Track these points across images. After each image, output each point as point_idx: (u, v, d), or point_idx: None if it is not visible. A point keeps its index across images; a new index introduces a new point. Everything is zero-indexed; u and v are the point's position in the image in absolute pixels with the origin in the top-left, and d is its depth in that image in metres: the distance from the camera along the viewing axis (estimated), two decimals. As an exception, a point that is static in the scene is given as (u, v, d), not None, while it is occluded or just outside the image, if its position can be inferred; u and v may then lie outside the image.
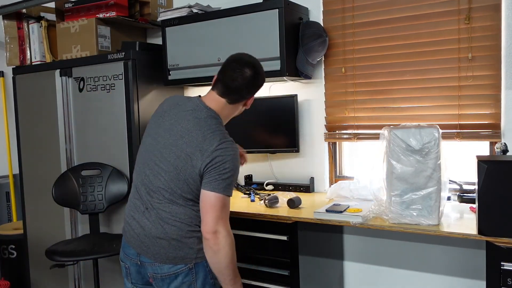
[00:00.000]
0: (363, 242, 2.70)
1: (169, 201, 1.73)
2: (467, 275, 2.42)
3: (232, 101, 1.81)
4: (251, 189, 2.83)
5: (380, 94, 2.60)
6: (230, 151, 1.70)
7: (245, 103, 1.87)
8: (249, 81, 1.78)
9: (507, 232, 1.74)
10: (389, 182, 2.00)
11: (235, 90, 1.79)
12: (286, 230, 2.23)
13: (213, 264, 1.71)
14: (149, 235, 1.74)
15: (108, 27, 3.03)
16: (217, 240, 1.66)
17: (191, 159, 1.68)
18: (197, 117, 1.75)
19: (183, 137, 1.72)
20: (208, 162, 1.67)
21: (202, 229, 1.68)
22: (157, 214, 1.74)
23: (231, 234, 1.71)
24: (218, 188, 1.67)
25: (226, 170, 1.67)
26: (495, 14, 2.28)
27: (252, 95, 1.87)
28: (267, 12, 2.50)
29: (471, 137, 2.38)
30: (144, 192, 1.77)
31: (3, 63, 3.44)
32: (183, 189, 1.71)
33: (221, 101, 1.80)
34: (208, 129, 1.72)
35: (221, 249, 1.66)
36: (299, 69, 2.58)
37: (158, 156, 1.75)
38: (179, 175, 1.70)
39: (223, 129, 1.77)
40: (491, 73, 2.31)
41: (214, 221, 1.65)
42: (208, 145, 1.68)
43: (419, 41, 2.46)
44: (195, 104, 1.79)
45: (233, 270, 1.73)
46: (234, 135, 2.90)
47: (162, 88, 2.99)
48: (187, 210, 1.74)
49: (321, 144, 2.80)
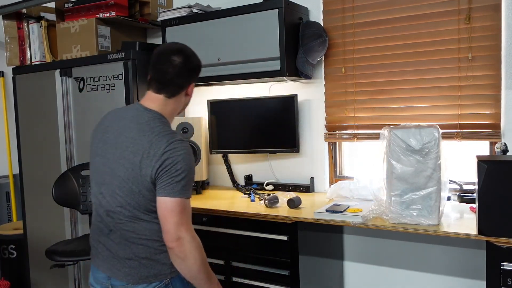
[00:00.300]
0: (363, 242, 2.70)
1: (131, 219, 1.62)
2: (467, 275, 2.42)
3: (171, 94, 1.69)
4: (251, 189, 2.83)
5: (380, 94, 2.60)
6: (179, 150, 1.58)
7: (186, 93, 1.74)
8: (180, 69, 1.67)
9: (507, 232, 1.74)
10: (389, 182, 2.00)
11: (169, 82, 1.67)
12: (286, 230, 2.23)
13: (184, 272, 1.61)
14: (117, 257, 1.65)
15: (108, 27, 3.03)
16: (182, 247, 1.56)
17: (140, 169, 1.57)
18: (139, 123, 1.63)
19: (128, 147, 1.60)
20: (158, 167, 1.55)
21: (165, 238, 1.57)
22: (122, 235, 1.63)
23: (196, 238, 1.61)
24: (174, 192, 1.56)
25: (179, 172, 1.56)
26: (495, 14, 2.28)
27: (191, 82, 1.74)
28: (267, 12, 2.50)
29: (471, 137, 2.38)
30: (104, 214, 1.67)
31: (3, 63, 3.44)
32: (141, 202, 1.60)
33: (160, 98, 1.68)
34: (153, 132, 1.60)
35: (188, 255, 1.57)
36: (299, 69, 2.58)
37: (109, 173, 1.64)
38: (132, 188, 1.59)
39: (169, 129, 1.65)
40: (491, 73, 2.31)
41: (175, 227, 1.55)
42: (155, 149, 1.57)
43: (419, 41, 2.46)
44: (135, 110, 1.68)
45: (207, 273, 1.64)
46: (234, 135, 2.94)
47: (162, 88, 2.99)
48: (152, 225, 1.63)
49: (321, 144, 2.80)
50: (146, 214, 1.62)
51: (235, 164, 3.10)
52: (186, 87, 1.73)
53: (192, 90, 1.77)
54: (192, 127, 2.86)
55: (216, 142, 2.96)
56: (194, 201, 2.63)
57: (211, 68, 2.72)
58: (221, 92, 3.09)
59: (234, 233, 2.39)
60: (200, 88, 3.16)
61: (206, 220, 2.48)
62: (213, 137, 2.96)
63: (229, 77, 2.68)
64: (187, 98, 1.77)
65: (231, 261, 2.41)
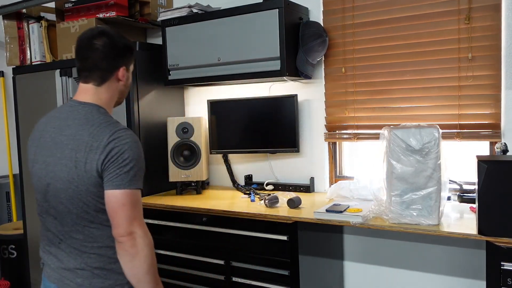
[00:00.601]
0: (363, 242, 2.70)
1: (80, 225, 1.51)
2: (467, 275, 2.42)
3: (99, 82, 1.57)
4: (251, 189, 2.84)
5: (380, 94, 2.60)
6: (125, 139, 1.48)
7: (117, 78, 1.60)
8: (103, 52, 1.55)
9: (507, 232, 1.74)
10: (389, 182, 2.00)
11: (94, 68, 1.55)
12: (286, 230, 2.23)
13: (131, 271, 1.47)
14: (68, 268, 1.53)
15: (108, 27, 3.03)
16: (134, 241, 1.44)
17: (84, 165, 1.45)
18: (76, 118, 1.52)
19: (68, 145, 1.49)
20: (103, 159, 1.44)
21: (114, 233, 1.46)
22: (72, 244, 1.53)
23: (148, 235, 1.50)
24: (123, 183, 1.44)
25: (126, 161, 1.45)
26: (495, 14, 2.28)
27: (120, 66, 1.60)
28: (267, 12, 2.50)
29: (471, 137, 2.38)
30: (52, 224, 1.56)
31: (3, 63, 3.44)
32: (90, 203, 1.49)
33: (90, 88, 1.57)
34: (92, 125, 1.49)
35: (140, 252, 1.45)
36: (299, 69, 2.58)
37: (53, 177, 1.51)
38: (79, 188, 1.47)
39: (110, 119, 1.54)
40: (491, 73, 2.31)
41: (128, 221, 1.44)
42: (98, 141, 1.46)
43: (419, 41, 2.46)
44: (69, 107, 1.57)
45: (154, 276, 1.51)
46: (234, 135, 2.94)
47: (162, 88, 2.99)
48: (104, 230, 1.52)
49: (321, 144, 2.80)
50: (97, 216, 1.50)
51: (235, 164, 3.10)
52: (115, 71, 1.59)
53: (124, 74, 1.62)
54: (192, 127, 2.86)
55: (216, 142, 2.96)
56: (194, 201, 2.64)
57: (211, 68, 2.72)
58: (221, 92, 3.09)
59: (234, 233, 2.39)
60: (200, 88, 3.16)
61: (206, 220, 2.48)
62: (213, 137, 2.96)
63: (229, 77, 2.68)
64: (120, 85, 1.63)
65: (231, 261, 2.41)
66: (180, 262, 2.60)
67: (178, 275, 2.61)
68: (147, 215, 2.68)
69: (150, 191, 2.92)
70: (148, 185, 2.90)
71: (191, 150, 2.89)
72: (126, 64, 1.63)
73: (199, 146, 2.86)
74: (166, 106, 3.09)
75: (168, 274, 2.65)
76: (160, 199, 2.75)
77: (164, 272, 2.67)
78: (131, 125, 2.79)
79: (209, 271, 2.50)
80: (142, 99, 2.86)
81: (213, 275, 2.48)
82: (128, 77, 1.66)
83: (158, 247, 2.66)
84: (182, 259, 2.59)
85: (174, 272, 2.63)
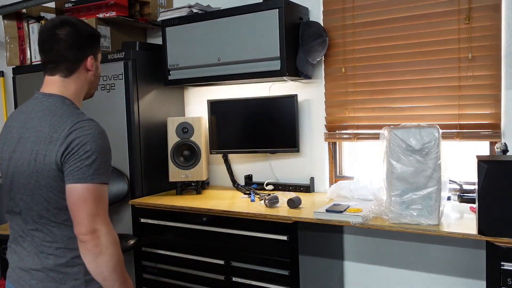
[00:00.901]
0: (363, 242, 2.70)
1: (41, 224, 1.43)
2: (467, 275, 2.42)
3: (67, 73, 1.50)
4: (251, 189, 2.84)
5: (380, 94, 2.60)
6: (88, 130, 1.40)
7: (85, 69, 1.53)
8: (68, 42, 1.47)
9: (507, 232, 1.74)
10: (389, 182, 2.00)
11: (60, 59, 1.48)
12: (286, 230, 2.23)
13: (95, 270, 1.38)
14: (24, 268, 1.45)
15: (108, 27, 3.03)
16: (98, 240, 1.35)
17: (44, 157, 1.38)
18: (39, 110, 1.46)
19: (29, 138, 1.43)
20: (63, 150, 1.36)
21: (76, 232, 1.37)
22: (32, 242, 1.45)
23: (113, 232, 1.41)
24: (84, 177, 1.36)
25: (88, 153, 1.37)
26: (495, 14, 2.28)
27: (87, 55, 1.52)
28: (267, 12, 2.50)
29: (471, 137, 2.38)
30: (16, 221, 1.49)
31: (3, 63, 3.44)
32: (51, 199, 1.41)
33: (57, 80, 1.50)
34: (55, 116, 1.42)
35: (104, 251, 1.36)
36: (299, 69, 2.58)
37: (15, 173, 1.46)
38: (39, 183, 1.40)
39: (75, 110, 1.47)
40: (491, 73, 2.31)
41: (90, 218, 1.35)
42: (59, 132, 1.38)
43: (419, 41, 2.46)
44: (34, 100, 1.51)
45: (122, 274, 1.42)
46: (234, 135, 2.94)
47: (162, 88, 2.99)
48: (65, 230, 1.43)
49: (321, 144, 2.80)
50: (58, 214, 1.42)
51: (235, 164, 3.10)
52: (82, 60, 1.52)
53: (92, 63, 1.55)
54: (192, 127, 2.86)
55: (216, 142, 2.96)
56: (194, 201, 2.64)
57: (211, 68, 2.72)
58: (221, 92, 3.09)
59: (234, 233, 2.39)
60: (200, 88, 3.16)
61: (206, 220, 2.48)
62: (213, 137, 2.96)
63: (229, 77, 2.68)
64: (89, 75, 1.56)
65: (231, 261, 2.41)
66: (180, 262, 2.60)
67: (178, 275, 2.61)
68: (147, 215, 2.70)
69: (150, 191, 2.92)
70: (148, 185, 2.90)
71: (191, 150, 2.89)
72: (93, 53, 1.55)
73: (199, 146, 2.86)
74: (166, 106, 3.09)
75: (168, 274, 2.65)
76: (160, 199, 2.75)
77: (164, 272, 2.67)
78: (131, 125, 2.79)
79: (209, 271, 2.50)
80: (142, 99, 2.86)
81: (213, 275, 2.48)
82: (97, 67, 1.58)
83: (158, 247, 2.68)
84: (182, 259, 2.59)
85: (174, 272, 2.63)
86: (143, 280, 2.76)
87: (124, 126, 2.81)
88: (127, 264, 2.82)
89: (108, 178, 1.44)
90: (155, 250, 2.69)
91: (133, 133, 2.80)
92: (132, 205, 2.76)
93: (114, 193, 2.80)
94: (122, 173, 2.83)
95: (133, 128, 2.80)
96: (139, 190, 2.85)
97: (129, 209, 2.79)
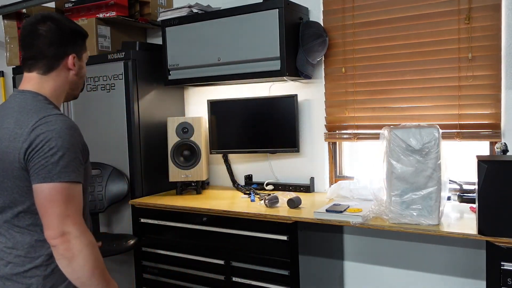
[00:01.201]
0: (363, 242, 2.70)
1: (4, 227, 1.36)
2: (467, 275, 2.42)
3: (45, 70, 1.42)
4: (251, 189, 2.84)
5: (380, 94, 2.60)
6: (53, 125, 1.30)
7: (66, 67, 1.45)
8: (47, 37, 1.40)
9: (507, 232, 1.74)
10: (389, 182, 2.00)
11: (39, 55, 1.40)
12: (286, 230, 2.23)
13: (73, 277, 1.30)
14: None
15: (108, 27, 3.03)
16: (68, 244, 1.26)
17: (7, 155, 1.29)
18: (9, 107, 1.38)
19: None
20: (26, 147, 1.27)
21: (46, 236, 1.28)
22: None
23: (87, 233, 1.31)
24: (51, 176, 1.26)
25: (54, 150, 1.27)
26: (495, 14, 2.28)
27: (68, 53, 1.44)
28: (267, 12, 2.50)
29: (471, 137, 2.38)
30: None
31: (3, 63, 3.44)
32: (16, 202, 1.32)
33: (34, 77, 1.42)
34: (22, 111, 1.33)
35: (77, 255, 1.27)
36: (299, 69, 2.58)
37: None
38: (4, 184, 1.32)
39: (45, 106, 1.37)
40: (491, 73, 2.31)
41: (59, 220, 1.26)
42: (23, 128, 1.29)
43: (419, 41, 2.46)
44: (10, 97, 1.44)
45: (102, 277, 1.32)
46: (234, 135, 2.94)
47: (162, 88, 2.99)
48: (28, 236, 1.34)
49: (321, 144, 2.80)
50: (22, 218, 1.34)
51: (235, 164, 3.10)
52: (63, 58, 1.44)
53: (75, 63, 1.46)
54: (192, 127, 2.86)
55: (216, 142, 2.96)
56: (194, 201, 2.64)
57: (211, 68, 2.72)
58: (221, 92, 3.09)
59: (234, 233, 2.39)
60: (200, 88, 3.16)
61: (206, 220, 2.48)
62: (213, 137, 2.96)
63: (229, 77, 2.68)
64: (71, 74, 1.47)
65: (231, 261, 2.41)
66: (180, 262, 2.60)
67: (178, 275, 2.61)
68: (147, 215, 2.70)
69: (150, 191, 2.92)
70: (148, 185, 2.90)
71: (191, 150, 2.89)
72: (76, 51, 1.46)
73: (199, 146, 2.86)
74: (166, 106, 3.09)
75: (168, 274, 2.65)
76: (160, 199, 2.75)
77: (164, 272, 2.67)
78: (131, 125, 2.79)
79: (209, 271, 2.50)
80: (142, 99, 2.86)
81: (213, 275, 2.48)
82: (80, 66, 1.49)
83: (158, 247, 2.68)
84: (182, 259, 2.59)
85: (174, 272, 2.63)
86: (143, 280, 2.76)
87: (124, 126, 2.81)
88: (127, 264, 2.84)
89: (80, 176, 1.34)
90: (155, 250, 2.69)
91: (133, 133, 2.80)
92: (132, 205, 2.76)
93: (114, 193, 2.81)
94: (122, 173, 2.83)
95: (133, 128, 2.80)
96: (139, 190, 2.85)
97: (129, 209, 2.79)
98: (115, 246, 2.51)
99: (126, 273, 2.87)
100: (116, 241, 2.59)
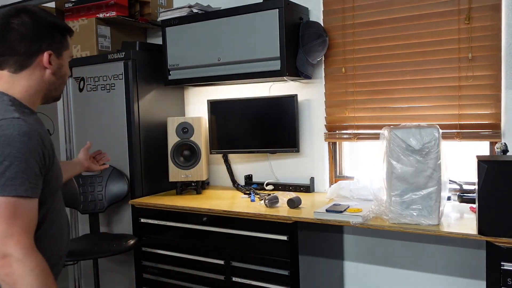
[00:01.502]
0: (363, 242, 2.70)
1: None
2: (467, 275, 2.42)
3: (16, 68, 1.29)
4: (251, 189, 2.84)
5: (380, 94, 2.59)
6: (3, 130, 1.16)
7: (41, 65, 1.32)
8: (19, 31, 1.27)
9: (507, 232, 1.74)
10: (389, 182, 2.00)
11: (9, 52, 1.28)
12: (286, 230, 2.23)
13: None
14: None
15: (108, 27, 3.03)
16: (9, 268, 1.10)
17: None
18: None
19: None
20: None
21: None
22: None
23: (32, 256, 1.14)
24: None
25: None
26: (495, 14, 2.28)
27: (42, 49, 1.31)
28: (267, 12, 2.50)
29: (471, 137, 2.38)
30: None
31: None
32: None
33: (4, 75, 1.30)
34: None
35: (19, 281, 1.11)
36: (299, 69, 2.58)
37: None
38: None
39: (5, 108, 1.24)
40: (491, 73, 2.31)
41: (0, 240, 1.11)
42: None
43: (419, 41, 2.46)
44: None
45: None
46: (234, 135, 2.94)
47: (162, 88, 2.99)
48: None
49: (321, 144, 2.80)
50: None
51: (235, 164, 3.10)
52: (36, 55, 1.30)
53: (52, 61, 1.33)
54: (192, 127, 2.86)
55: (216, 142, 2.96)
56: (194, 201, 2.64)
57: (211, 68, 2.72)
58: (221, 92, 3.09)
59: (234, 233, 2.39)
60: (200, 88, 3.16)
61: (206, 220, 2.48)
62: (213, 137, 2.96)
63: (229, 77, 2.68)
64: (47, 74, 1.34)
65: (231, 261, 2.41)
66: (180, 262, 2.60)
67: (178, 275, 2.61)
68: (147, 215, 2.70)
69: (150, 191, 2.92)
70: (148, 185, 2.90)
71: (191, 150, 2.89)
72: (53, 48, 1.33)
73: (199, 146, 2.86)
74: (166, 106, 3.09)
75: (168, 274, 2.65)
76: (160, 199, 2.75)
77: (164, 272, 2.67)
78: (131, 125, 2.79)
79: (209, 271, 2.50)
80: (142, 99, 2.86)
81: (213, 275, 2.48)
82: (59, 65, 1.36)
83: (158, 247, 2.68)
84: (182, 259, 2.59)
85: (174, 272, 2.63)
86: (143, 280, 2.76)
87: (124, 126, 2.81)
88: (127, 264, 2.84)
89: (33, 189, 1.17)
90: (155, 250, 2.69)
91: (133, 133, 2.80)
92: (132, 205, 2.76)
93: (114, 193, 2.81)
94: (122, 173, 2.83)
95: (133, 128, 2.80)
96: (139, 190, 2.85)
97: (129, 209, 2.79)
98: (115, 246, 2.51)
99: (126, 273, 2.87)
100: (116, 241, 2.59)
